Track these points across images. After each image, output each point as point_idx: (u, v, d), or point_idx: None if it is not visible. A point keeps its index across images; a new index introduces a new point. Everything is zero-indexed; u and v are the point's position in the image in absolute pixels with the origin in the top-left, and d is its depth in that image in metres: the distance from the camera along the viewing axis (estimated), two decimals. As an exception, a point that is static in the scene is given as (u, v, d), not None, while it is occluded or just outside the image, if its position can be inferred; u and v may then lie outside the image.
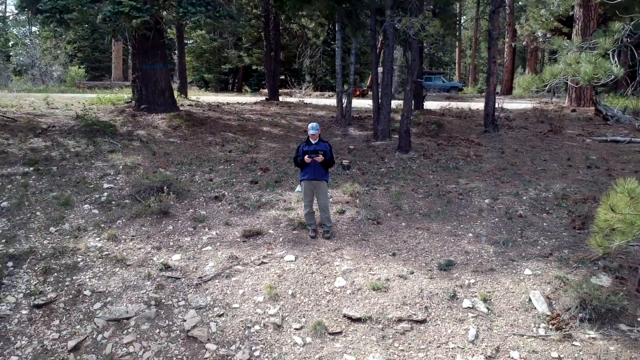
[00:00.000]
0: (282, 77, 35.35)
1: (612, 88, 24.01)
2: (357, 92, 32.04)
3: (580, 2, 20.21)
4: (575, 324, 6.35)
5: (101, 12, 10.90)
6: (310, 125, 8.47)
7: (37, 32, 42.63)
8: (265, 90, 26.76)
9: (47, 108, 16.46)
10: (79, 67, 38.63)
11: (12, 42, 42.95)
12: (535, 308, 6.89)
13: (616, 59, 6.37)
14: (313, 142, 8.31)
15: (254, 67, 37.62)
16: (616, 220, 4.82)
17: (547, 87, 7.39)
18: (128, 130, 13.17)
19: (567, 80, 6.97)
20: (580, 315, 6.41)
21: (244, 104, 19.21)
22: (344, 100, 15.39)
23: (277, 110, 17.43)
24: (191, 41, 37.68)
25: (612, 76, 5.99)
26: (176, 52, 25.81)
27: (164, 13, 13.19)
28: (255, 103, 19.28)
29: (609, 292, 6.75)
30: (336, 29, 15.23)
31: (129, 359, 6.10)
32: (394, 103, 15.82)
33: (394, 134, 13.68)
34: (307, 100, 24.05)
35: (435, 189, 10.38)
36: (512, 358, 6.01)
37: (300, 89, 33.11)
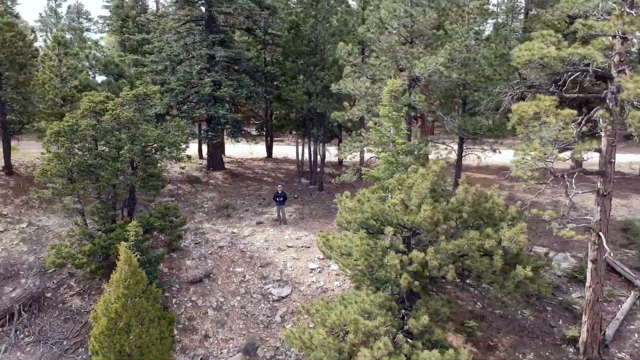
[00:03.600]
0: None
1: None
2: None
3: None
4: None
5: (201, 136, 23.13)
6: (278, 185, 20.78)
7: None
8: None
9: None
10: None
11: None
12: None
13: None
14: (279, 192, 20.47)
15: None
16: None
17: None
18: (206, 180, 25.20)
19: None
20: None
21: (253, 159, 31.24)
22: (301, 166, 27.47)
23: (271, 166, 29.45)
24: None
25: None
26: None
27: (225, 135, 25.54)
28: (260, 159, 31.31)
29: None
30: (298, 132, 27.42)
31: (225, 257, 18.24)
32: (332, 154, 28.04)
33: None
34: (291, 149, 35.96)
35: (327, 206, 22.54)
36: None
37: (288, 136, 45.51)
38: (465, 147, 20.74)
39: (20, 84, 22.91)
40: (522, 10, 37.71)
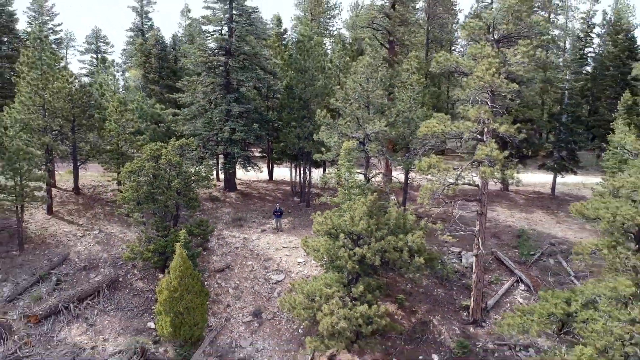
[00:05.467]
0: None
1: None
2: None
3: None
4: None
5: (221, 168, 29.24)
6: (276, 204, 26.94)
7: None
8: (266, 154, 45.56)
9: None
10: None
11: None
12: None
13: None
14: (277, 208, 26.55)
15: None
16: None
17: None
18: (223, 199, 31.23)
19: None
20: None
21: (259, 181, 37.34)
22: (294, 188, 33.58)
23: (272, 187, 35.50)
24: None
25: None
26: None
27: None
28: (264, 181, 37.39)
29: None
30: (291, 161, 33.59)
31: (239, 254, 24.28)
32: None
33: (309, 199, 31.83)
34: (288, 172, 42.15)
35: (310, 218, 28.57)
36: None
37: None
38: (410, 176, 26.92)
39: (88, 128, 29.13)
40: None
